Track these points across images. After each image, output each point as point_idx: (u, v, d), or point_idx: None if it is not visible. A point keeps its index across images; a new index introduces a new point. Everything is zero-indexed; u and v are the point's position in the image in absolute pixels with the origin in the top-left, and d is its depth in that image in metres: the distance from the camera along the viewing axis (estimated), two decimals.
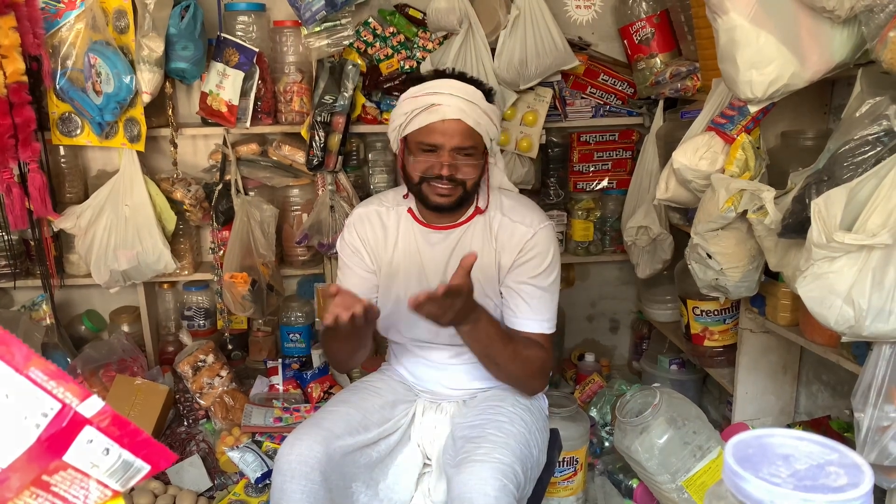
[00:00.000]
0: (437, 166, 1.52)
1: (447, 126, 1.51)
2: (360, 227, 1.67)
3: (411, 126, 1.54)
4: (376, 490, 1.54)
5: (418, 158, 1.54)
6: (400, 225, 1.65)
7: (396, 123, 1.58)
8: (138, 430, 0.49)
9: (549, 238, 1.61)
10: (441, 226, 1.62)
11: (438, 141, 1.52)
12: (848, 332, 1.30)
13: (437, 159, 1.53)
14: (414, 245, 1.63)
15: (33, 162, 2.17)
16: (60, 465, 0.47)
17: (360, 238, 1.66)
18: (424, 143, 1.53)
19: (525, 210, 1.64)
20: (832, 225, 1.26)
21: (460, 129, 1.52)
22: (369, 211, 1.68)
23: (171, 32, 2.19)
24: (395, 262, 1.64)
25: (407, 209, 1.65)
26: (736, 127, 1.69)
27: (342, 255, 1.70)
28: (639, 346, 2.88)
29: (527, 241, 1.58)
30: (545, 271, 1.59)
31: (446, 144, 1.52)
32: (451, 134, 1.52)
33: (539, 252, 1.59)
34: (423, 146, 1.53)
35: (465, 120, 1.52)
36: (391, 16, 2.49)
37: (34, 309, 2.47)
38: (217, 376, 2.43)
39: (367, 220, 1.67)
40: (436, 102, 1.51)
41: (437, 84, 1.54)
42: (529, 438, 1.52)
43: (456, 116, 1.51)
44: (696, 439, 1.90)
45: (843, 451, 0.59)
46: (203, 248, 2.68)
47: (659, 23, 2.42)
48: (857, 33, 1.40)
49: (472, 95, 1.55)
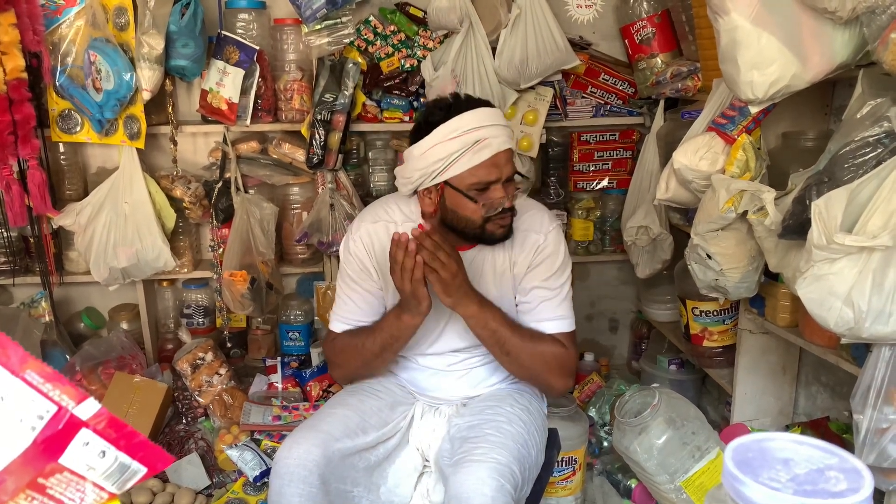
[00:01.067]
0: (500, 201, 1.48)
1: (499, 158, 1.47)
2: (368, 243, 1.61)
3: (456, 168, 1.45)
4: (377, 494, 1.54)
5: (474, 201, 1.47)
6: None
7: (431, 169, 1.47)
8: (135, 432, 0.48)
9: (559, 239, 1.61)
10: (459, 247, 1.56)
11: (495, 176, 1.47)
12: (847, 333, 1.30)
13: (494, 195, 1.47)
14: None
15: (33, 159, 2.17)
16: (56, 468, 0.47)
17: (368, 256, 1.61)
18: (480, 183, 1.46)
19: (534, 215, 1.62)
20: (832, 226, 1.25)
21: (509, 157, 1.50)
22: (378, 228, 1.61)
23: (172, 30, 2.18)
24: None
25: (418, 226, 1.62)
26: (737, 127, 1.68)
27: (348, 268, 1.64)
28: (638, 346, 2.88)
29: (538, 246, 1.58)
30: (557, 272, 1.59)
31: (503, 177, 1.48)
32: (503, 165, 1.48)
33: (550, 254, 1.59)
34: (477, 186, 1.46)
35: (511, 146, 1.50)
36: (392, 14, 2.48)
37: (33, 306, 2.46)
38: (216, 374, 2.43)
39: (377, 237, 1.61)
40: (482, 137, 1.44)
41: (472, 119, 1.46)
42: (528, 438, 1.51)
43: (506, 147, 1.48)
44: (694, 440, 1.90)
45: (843, 456, 0.59)
46: (202, 246, 2.68)
47: (660, 23, 2.42)
48: (858, 35, 1.40)
49: (502, 118, 1.52)
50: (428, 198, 1.54)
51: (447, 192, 1.50)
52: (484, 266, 1.60)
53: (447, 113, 1.47)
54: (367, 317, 1.65)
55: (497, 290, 1.59)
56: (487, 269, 1.60)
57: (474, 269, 1.58)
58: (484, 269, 1.60)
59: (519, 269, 1.59)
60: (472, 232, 1.52)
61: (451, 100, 1.52)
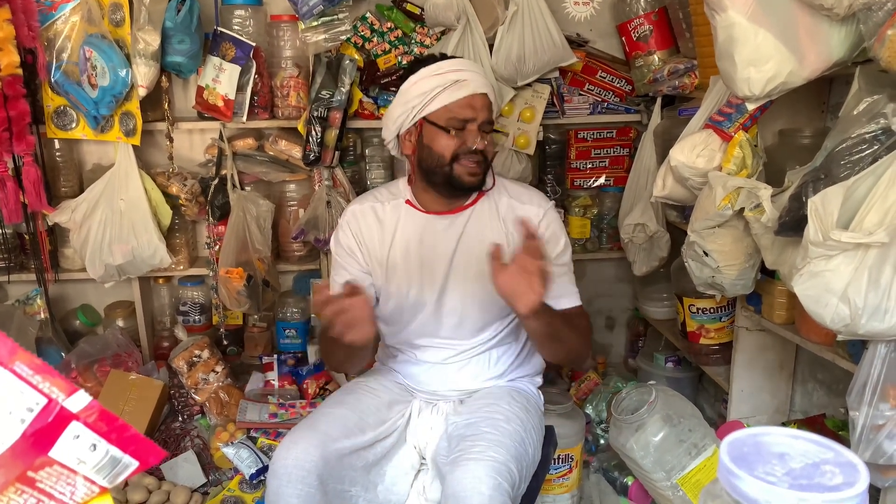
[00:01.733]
0: (471, 140, 1.52)
1: (476, 100, 1.53)
2: (355, 224, 1.64)
3: (435, 104, 1.52)
4: (375, 493, 1.54)
5: (448, 134, 1.52)
6: (399, 218, 1.63)
7: (411, 105, 1.55)
8: (126, 425, 0.48)
9: (558, 218, 1.67)
10: (445, 210, 1.61)
11: (470, 115, 1.52)
12: (844, 330, 1.30)
13: (468, 134, 1.52)
14: (416, 236, 1.61)
15: (28, 155, 2.16)
16: (46, 461, 0.46)
17: (354, 237, 1.64)
18: (456, 119, 1.52)
19: (529, 192, 1.68)
20: (829, 223, 1.25)
21: (486, 103, 1.55)
22: (364, 208, 1.66)
23: (168, 26, 2.18)
24: (393, 257, 1.62)
25: (405, 201, 1.63)
26: (733, 124, 1.68)
27: (336, 255, 1.68)
28: (635, 344, 2.88)
29: (539, 222, 1.60)
30: (563, 250, 1.64)
31: (477, 118, 1.53)
32: (479, 108, 1.53)
33: (553, 231, 1.63)
34: (453, 122, 1.52)
35: (489, 94, 1.55)
36: (389, 11, 2.48)
37: (28, 303, 2.46)
38: (212, 372, 2.42)
39: (363, 216, 1.65)
40: (461, 78, 1.52)
41: (454, 63, 1.56)
42: (525, 436, 1.51)
43: (483, 90, 1.54)
44: (691, 437, 1.90)
45: (838, 450, 0.59)
46: (199, 243, 2.67)
47: (657, 20, 2.41)
48: (855, 31, 1.40)
49: (482, 71, 1.59)
50: (408, 140, 1.59)
51: (425, 128, 1.55)
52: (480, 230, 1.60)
53: (434, 61, 1.58)
54: None
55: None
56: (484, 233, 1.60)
57: (468, 233, 1.60)
58: (479, 234, 1.60)
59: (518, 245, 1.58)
60: (441, 172, 1.54)
61: (438, 55, 1.63)
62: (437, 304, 1.62)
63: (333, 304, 1.34)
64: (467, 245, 1.60)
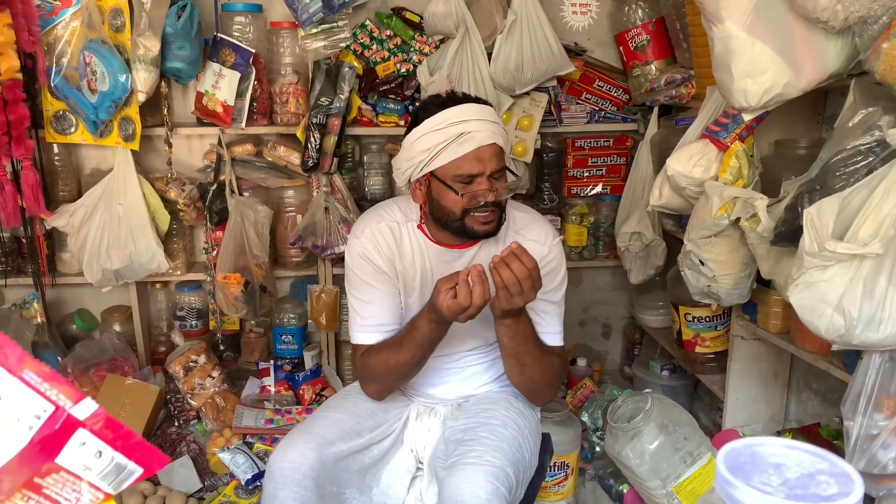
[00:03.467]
0: (482, 195, 1.47)
1: (483, 152, 1.47)
2: (378, 243, 1.59)
3: (440, 160, 1.47)
4: (370, 496, 1.54)
5: (457, 192, 1.47)
6: (412, 241, 1.60)
7: (417, 160, 1.49)
8: (131, 432, 0.49)
9: (561, 253, 1.63)
10: (454, 245, 1.59)
11: (478, 170, 1.47)
12: (838, 340, 1.31)
13: (478, 188, 1.47)
14: (427, 262, 1.60)
15: (26, 159, 2.16)
16: (52, 468, 0.47)
17: (379, 255, 1.58)
18: (462, 175, 1.47)
19: (537, 226, 1.63)
20: (824, 234, 1.26)
21: (494, 152, 1.49)
22: (382, 227, 1.60)
23: (168, 32, 2.18)
24: (409, 276, 1.60)
25: (417, 226, 1.61)
26: (730, 135, 1.69)
27: (360, 273, 1.59)
28: (631, 352, 2.89)
29: (542, 257, 1.56)
30: (557, 286, 1.62)
31: (486, 171, 1.47)
32: (487, 159, 1.48)
33: (553, 268, 1.60)
34: (460, 178, 1.47)
35: (497, 142, 1.49)
36: (388, 18, 2.49)
37: (25, 307, 2.45)
38: (208, 377, 2.42)
39: (382, 236, 1.60)
40: (466, 130, 1.46)
41: (458, 112, 1.48)
42: (522, 442, 1.52)
43: (491, 141, 1.48)
44: (686, 445, 1.90)
45: (833, 461, 0.59)
46: (196, 249, 2.67)
47: (654, 30, 2.43)
48: (850, 44, 1.42)
49: (493, 115, 1.52)
50: (419, 189, 1.55)
51: (433, 182, 1.51)
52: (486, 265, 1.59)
53: (439, 107, 1.50)
54: (391, 320, 1.60)
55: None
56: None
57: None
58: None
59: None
60: (453, 225, 1.52)
61: (445, 95, 1.55)
62: None
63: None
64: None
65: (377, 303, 1.59)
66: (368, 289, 1.59)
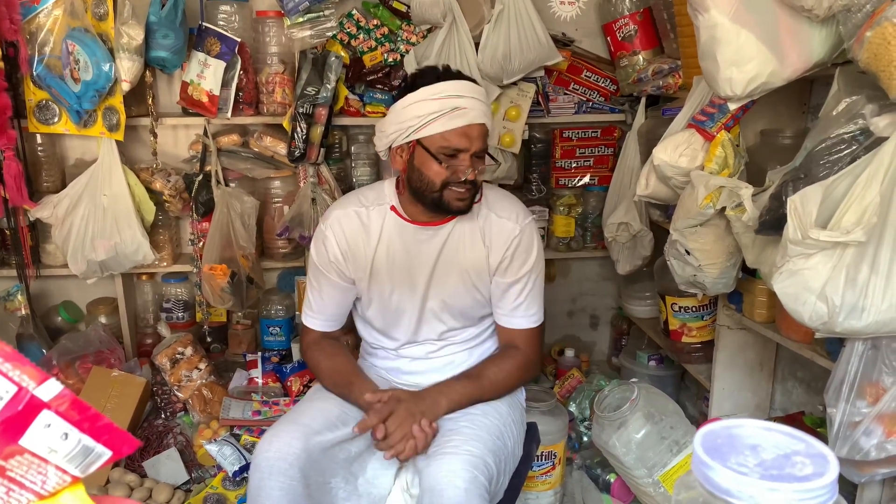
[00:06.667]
0: (463, 171, 1.49)
1: (472, 130, 1.49)
2: (339, 230, 1.60)
3: (430, 129, 1.48)
4: (355, 485, 1.54)
5: (439, 163, 1.49)
6: (384, 224, 1.60)
7: (406, 125, 1.50)
8: (99, 414, 0.48)
9: (534, 233, 1.63)
10: (429, 222, 1.59)
11: (464, 145, 1.49)
12: (821, 328, 1.31)
13: (460, 164, 1.49)
14: (399, 243, 1.60)
15: (9, 150, 2.14)
16: (16, 450, 0.46)
17: (339, 245, 1.61)
18: (449, 148, 1.48)
19: (509, 205, 1.64)
20: (808, 222, 1.27)
21: (482, 132, 1.52)
22: (348, 212, 1.61)
23: (152, 20, 2.16)
24: (378, 262, 1.61)
25: (390, 206, 1.61)
26: (716, 124, 1.70)
27: (317, 261, 1.64)
28: (618, 342, 2.90)
29: (513, 238, 1.59)
30: (532, 268, 1.62)
31: (471, 148, 1.50)
32: (475, 138, 1.50)
33: (525, 248, 1.60)
34: (445, 150, 1.49)
35: (486, 124, 1.52)
36: (375, 8, 2.48)
37: (9, 299, 2.43)
38: (195, 369, 2.41)
39: (347, 221, 1.61)
40: (460, 106, 1.47)
41: (455, 87, 1.50)
42: (504, 430, 1.52)
43: (481, 121, 1.51)
44: (672, 434, 1.91)
45: (809, 442, 0.59)
46: (182, 240, 2.66)
47: (642, 20, 2.43)
48: (835, 33, 1.42)
49: (486, 97, 1.55)
50: (399, 155, 1.56)
51: (417, 150, 1.52)
52: (461, 242, 1.60)
53: (437, 77, 1.52)
54: (335, 310, 1.69)
55: (472, 269, 1.60)
56: (464, 245, 1.60)
57: (450, 245, 1.59)
58: (460, 246, 1.60)
59: (494, 258, 1.60)
60: (430, 196, 1.52)
61: (441, 69, 1.57)
62: (418, 310, 1.63)
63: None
64: (449, 255, 1.60)
65: (323, 294, 1.67)
66: (319, 277, 1.66)
